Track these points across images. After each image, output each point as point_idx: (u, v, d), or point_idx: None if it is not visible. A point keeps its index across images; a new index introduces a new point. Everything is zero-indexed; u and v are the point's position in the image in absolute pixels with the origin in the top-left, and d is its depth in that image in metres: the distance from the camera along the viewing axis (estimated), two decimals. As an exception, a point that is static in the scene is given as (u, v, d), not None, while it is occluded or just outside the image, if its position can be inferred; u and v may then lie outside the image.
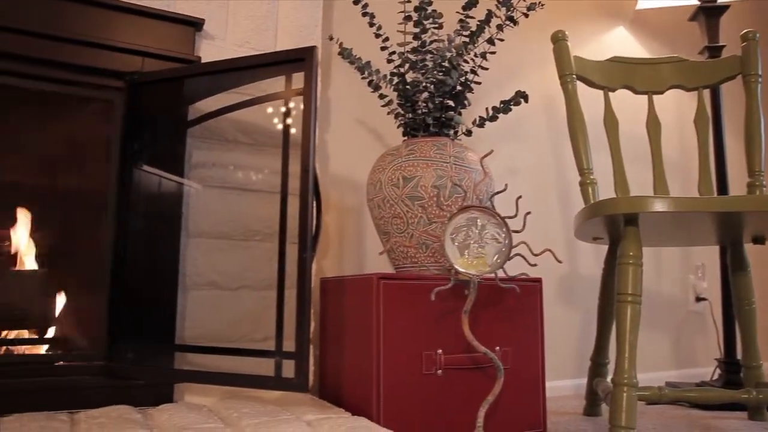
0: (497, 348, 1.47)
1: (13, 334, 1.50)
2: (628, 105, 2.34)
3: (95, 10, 1.45)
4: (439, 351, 1.41)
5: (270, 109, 1.52)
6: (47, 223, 1.58)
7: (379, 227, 1.59)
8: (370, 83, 1.67)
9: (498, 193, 1.43)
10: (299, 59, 1.28)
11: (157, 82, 1.44)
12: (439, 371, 1.40)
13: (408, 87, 1.64)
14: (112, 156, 1.48)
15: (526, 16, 1.66)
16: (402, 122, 1.66)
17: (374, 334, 1.34)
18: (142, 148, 1.47)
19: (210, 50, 1.57)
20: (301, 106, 1.39)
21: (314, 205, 1.26)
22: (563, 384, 2.19)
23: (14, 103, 1.54)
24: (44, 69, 1.41)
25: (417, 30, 1.63)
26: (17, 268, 1.57)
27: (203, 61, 1.53)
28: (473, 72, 1.64)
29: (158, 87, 1.45)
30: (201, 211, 1.52)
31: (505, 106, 1.67)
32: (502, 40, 1.65)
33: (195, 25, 1.54)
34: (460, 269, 1.32)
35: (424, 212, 1.49)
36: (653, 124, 1.82)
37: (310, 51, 1.27)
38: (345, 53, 1.72)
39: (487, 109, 1.69)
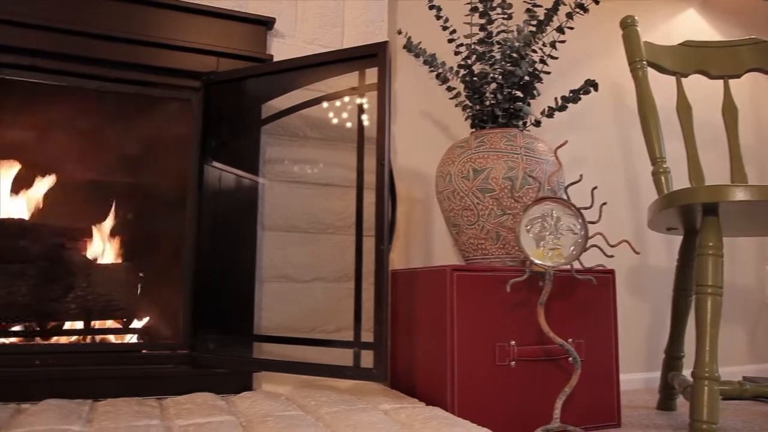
0: (569, 340, 1.46)
1: (100, 324, 1.58)
2: (697, 90, 2.26)
3: (173, 13, 1.51)
4: (512, 342, 1.41)
5: (339, 104, 1.55)
6: (131, 218, 1.66)
7: (449, 219, 1.60)
8: (438, 76, 1.67)
9: (573, 184, 1.41)
10: (372, 55, 1.30)
11: (232, 81, 1.48)
12: (512, 362, 1.40)
13: (475, 79, 1.64)
14: (190, 153, 1.53)
15: (597, 2, 1.63)
16: (470, 114, 1.66)
17: (448, 325, 1.35)
18: (218, 145, 1.52)
19: (280, 48, 1.61)
20: (362, 101, 1.41)
21: (390, 197, 1.27)
22: (633, 377, 2.15)
23: (98, 105, 1.62)
24: (126, 72, 1.48)
25: (483, 21, 1.62)
26: (104, 261, 1.66)
27: (275, 59, 1.57)
28: (542, 62, 1.63)
29: (234, 85, 1.50)
30: (274, 206, 1.56)
31: (575, 96, 1.65)
32: (571, 28, 1.63)
33: (266, 24, 1.58)
34: (536, 261, 1.31)
35: (496, 204, 1.48)
36: (729, 110, 1.76)
37: (382, 46, 1.29)
38: (411, 47, 1.73)
39: (556, 98, 1.67)
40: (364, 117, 1.38)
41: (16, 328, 1.51)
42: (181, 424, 1.14)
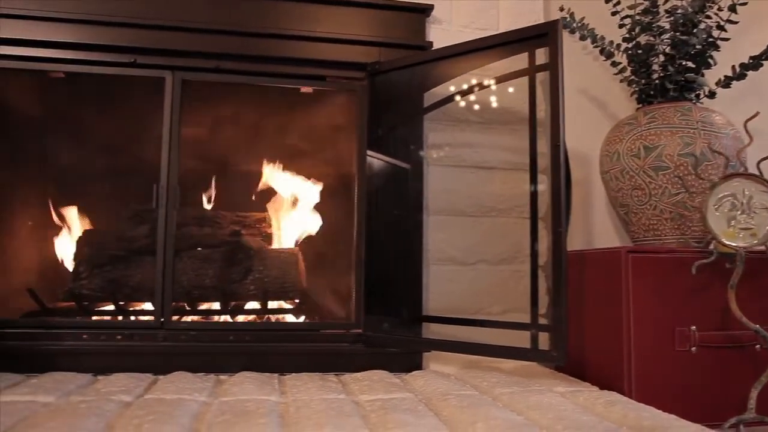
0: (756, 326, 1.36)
1: (276, 305, 1.70)
2: None
3: (336, 8, 1.57)
4: (693, 327, 1.34)
5: (503, 87, 1.53)
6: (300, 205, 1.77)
7: (616, 200, 1.55)
8: (601, 51, 1.61)
9: (766, 159, 1.30)
10: (542, 34, 1.28)
11: (398, 69, 1.52)
12: (693, 348, 1.34)
13: (640, 51, 1.56)
14: (355, 143, 1.60)
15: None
16: (635, 89, 1.59)
17: (624, 309, 1.32)
18: (383, 134, 1.57)
19: (438, 34, 1.63)
20: (532, 82, 1.39)
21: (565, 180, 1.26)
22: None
23: (270, 100, 1.74)
24: (298, 67, 1.56)
25: (647, -11, 1.54)
26: (277, 246, 1.78)
27: (434, 45, 1.59)
28: (720, 28, 1.51)
29: (399, 74, 1.53)
30: (438, 190, 1.59)
31: (755, 62, 1.53)
32: (755, -12, 1.50)
33: (425, 11, 1.60)
34: (726, 241, 1.24)
35: (671, 182, 1.41)
36: None
37: (553, 25, 1.26)
38: (567, 23, 1.67)
39: (733, 66, 1.55)
40: (536, 98, 1.36)
41: (205, 306, 1.67)
42: (366, 399, 1.21)
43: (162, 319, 1.46)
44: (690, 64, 1.53)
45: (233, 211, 1.77)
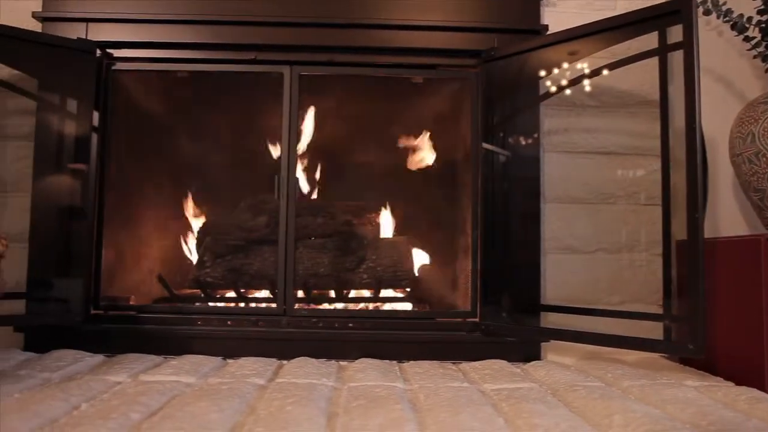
0: None
1: (388, 293, 1.73)
2: None
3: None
4: (844, 321, 1.24)
5: (624, 69, 1.47)
6: (412, 194, 1.78)
7: (749, 184, 1.45)
8: (733, 26, 1.51)
9: None
10: (674, 12, 1.22)
11: (514, 55, 1.49)
12: (843, 344, 1.24)
13: (776, 24, 1.45)
14: (461, 132, 1.59)
15: None
16: (771, 65, 1.48)
17: (764, 300, 1.23)
18: (499, 122, 1.55)
19: (552, 17, 1.59)
20: (663, 63, 1.33)
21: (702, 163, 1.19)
22: None
23: (382, 91, 1.75)
24: (412, 57, 1.57)
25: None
26: (388, 235, 1.80)
27: (550, 29, 1.55)
28: None
29: (515, 60, 1.50)
30: (555, 177, 1.56)
31: None
32: None
33: (540, -6, 1.57)
34: None
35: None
36: None
37: (686, 2, 1.20)
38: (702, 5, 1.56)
39: None
40: (666, 79, 1.30)
41: (323, 294, 1.71)
42: (491, 388, 1.20)
43: (285, 307, 1.52)
44: (836, 35, 1.41)
45: (345, 201, 1.80)
